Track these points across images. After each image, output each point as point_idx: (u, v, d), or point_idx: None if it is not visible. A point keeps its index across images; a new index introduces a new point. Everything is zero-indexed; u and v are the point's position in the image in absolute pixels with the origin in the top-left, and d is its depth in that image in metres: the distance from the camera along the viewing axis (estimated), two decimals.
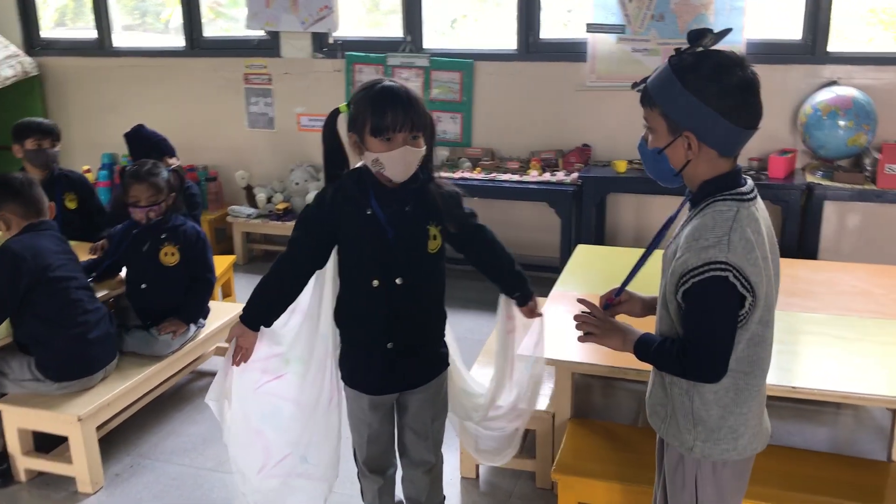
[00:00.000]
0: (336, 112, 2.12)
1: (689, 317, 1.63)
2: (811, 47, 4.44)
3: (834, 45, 4.46)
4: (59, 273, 2.91)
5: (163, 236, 3.26)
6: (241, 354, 2.17)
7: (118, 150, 5.87)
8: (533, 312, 2.34)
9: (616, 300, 1.92)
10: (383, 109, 1.96)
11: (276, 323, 2.21)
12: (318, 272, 2.20)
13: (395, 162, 2.00)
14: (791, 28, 4.51)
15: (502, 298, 2.36)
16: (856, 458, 2.69)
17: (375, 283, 2.10)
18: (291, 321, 2.26)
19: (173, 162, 3.88)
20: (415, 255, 2.12)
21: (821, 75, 4.41)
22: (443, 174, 2.23)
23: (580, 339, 1.85)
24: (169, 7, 6.06)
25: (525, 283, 2.32)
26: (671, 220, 1.85)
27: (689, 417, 1.72)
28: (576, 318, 1.85)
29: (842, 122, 4.09)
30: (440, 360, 2.29)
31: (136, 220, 3.27)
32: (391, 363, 2.18)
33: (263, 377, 2.27)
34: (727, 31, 1.70)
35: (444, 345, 2.30)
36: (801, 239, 4.22)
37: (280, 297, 2.17)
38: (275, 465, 2.29)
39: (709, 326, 1.61)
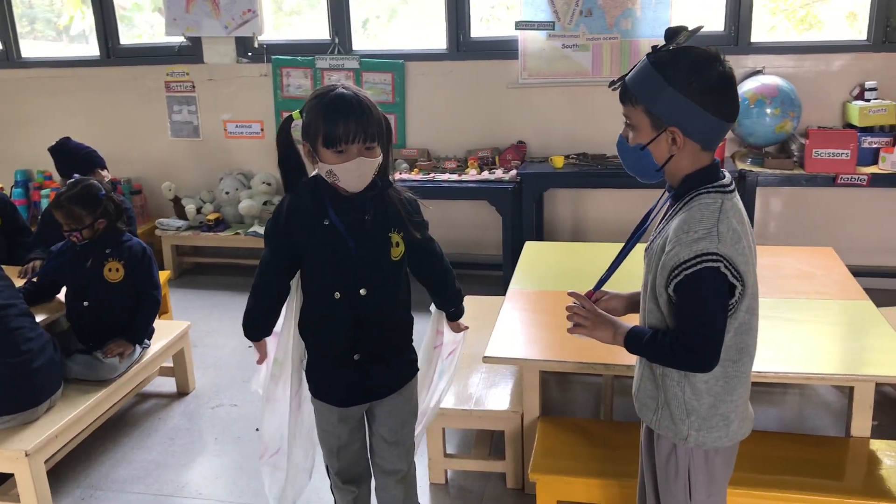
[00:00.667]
0: (290, 119, 2.06)
1: (681, 308, 1.66)
2: (734, 38, 4.58)
3: (756, 35, 4.60)
4: None
5: (107, 251, 3.13)
6: (260, 356, 2.25)
7: (32, 165, 5.63)
8: (460, 327, 2.39)
9: (595, 296, 1.92)
10: (335, 120, 1.90)
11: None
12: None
13: (349, 174, 1.95)
14: (715, 19, 4.63)
15: (435, 312, 2.38)
16: (814, 436, 2.78)
17: (337, 294, 2.06)
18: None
19: (105, 174, 3.71)
20: (378, 264, 2.08)
21: (745, 65, 4.55)
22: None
23: (570, 330, 1.85)
24: (65, 14, 5.81)
25: (461, 300, 2.35)
26: (649, 216, 1.86)
27: (683, 408, 1.74)
28: (567, 308, 1.86)
29: (769, 110, 4.22)
30: (409, 367, 2.26)
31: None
32: (359, 374, 2.14)
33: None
34: (699, 28, 1.72)
35: (413, 350, 2.27)
36: None
37: (265, 311, 2.19)
38: (270, 455, 2.35)
39: (702, 317, 1.64)
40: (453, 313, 2.36)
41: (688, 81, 1.60)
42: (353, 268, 2.04)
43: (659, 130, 1.65)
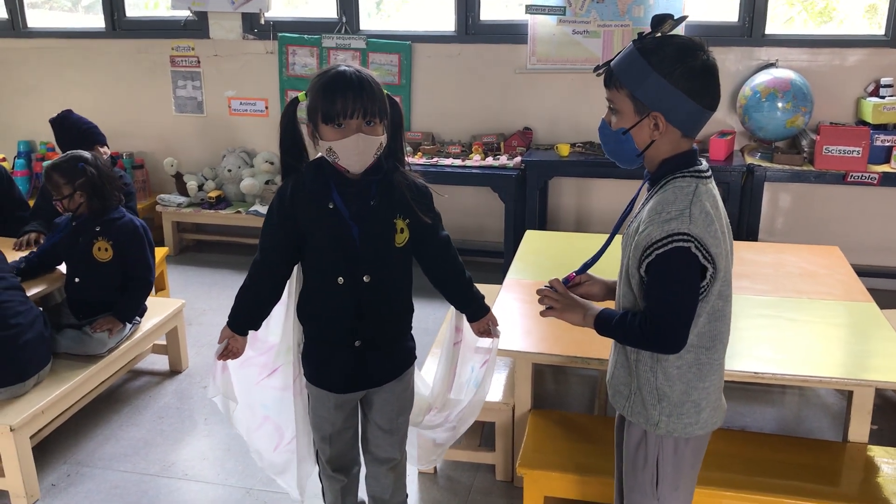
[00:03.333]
0: (296, 101, 2.01)
1: (652, 288, 1.66)
2: (748, 29, 4.48)
3: (771, 26, 4.51)
4: None
5: (97, 229, 3.09)
6: (229, 354, 2.11)
7: (35, 136, 5.61)
8: (483, 332, 2.24)
9: (576, 279, 1.92)
10: (333, 95, 1.86)
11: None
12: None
13: (348, 150, 1.90)
14: (729, 10, 4.54)
15: (453, 309, 2.29)
16: (811, 440, 2.73)
17: (340, 280, 2.01)
18: (278, 311, 2.18)
19: (105, 151, 3.67)
20: (382, 251, 2.02)
21: (758, 57, 4.46)
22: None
23: (541, 313, 1.87)
24: None
25: (478, 301, 2.22)
26: (633, 203, 1.85)
27: (654, 393, 1.74)
28: (538, 292, 1.88)
29: (780, 104, 4.14)
30: (408, 355, 2.21)
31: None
32: (358, 361, 2.09)
33: (262, 373, 2.26)
34: (684, 18, 1.75)
35: (412, 338, 2.22)
36: (741, 220, 4.28)
37: (261, 301, 2.11)
38: (288, 442, 2.32)
39: (672, 296, 1.64)
40: (471, 314, 2.23)
41: (672, 68, 1.61)
42: (357, 254, 1.99)
43: (642, 115, 1.66)
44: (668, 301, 1.64)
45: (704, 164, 1.71)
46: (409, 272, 2.13)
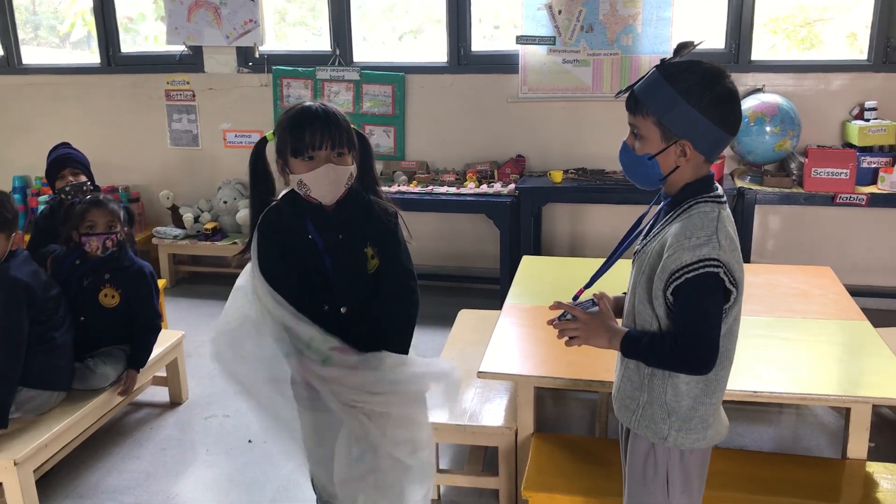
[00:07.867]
0: (264, 140, 2.08)
1: (682, 311, 1.68)
2: (735, 55, 4.58)
3: (756, 53, 4.60)
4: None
5: (106, 276, 3.12)
6: None
7: (30, 171, 5.63)
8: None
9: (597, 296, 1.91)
10: (301, 129, 1.93)
11: None
12: (244, 287, 2.18)
13: (319, 181, 1.95)
14: (715, 37, 4.63)
15: None
16: (810, 458, 2.76)
17: (326, 307, 2.04)
18: None
19: (78, 178, 3.70)
20: (355, 281, 2.06)
21: (745, 83, 4.55)
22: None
23: (567, 344, 1.85)
24: (67, 20, 5.83)
25: (393, 346, 2.08)
26: (639, 224, 1.90)
27: (664, 408, 1.78)
28: (555, 326, 1.85)
29: (768, 128, 4.22)
30: None
31: (89, 251, 3.12)
32: None
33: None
34: (701, 42, 1.77)
35: None
36: None
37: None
38: None
39: (702, 320, 1.67)
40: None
41: (700, 96, 1.64)
42: (331, 286, 2.03)
43: (669, 142, 1.69)
44: (699, 324, 1.67)
45: (720, 189, 1.75)
46: None
